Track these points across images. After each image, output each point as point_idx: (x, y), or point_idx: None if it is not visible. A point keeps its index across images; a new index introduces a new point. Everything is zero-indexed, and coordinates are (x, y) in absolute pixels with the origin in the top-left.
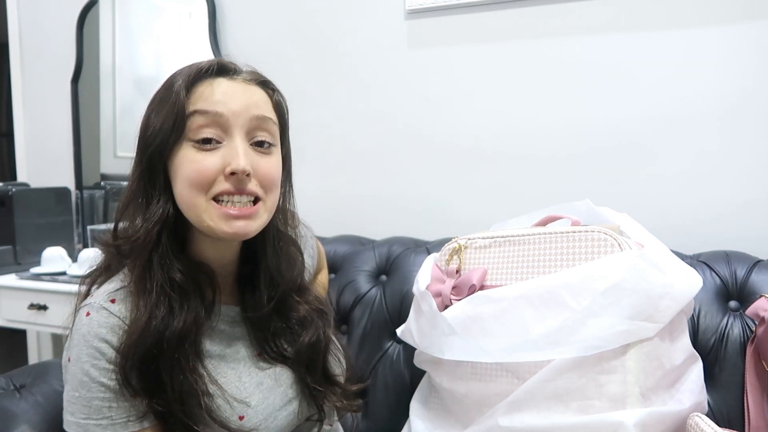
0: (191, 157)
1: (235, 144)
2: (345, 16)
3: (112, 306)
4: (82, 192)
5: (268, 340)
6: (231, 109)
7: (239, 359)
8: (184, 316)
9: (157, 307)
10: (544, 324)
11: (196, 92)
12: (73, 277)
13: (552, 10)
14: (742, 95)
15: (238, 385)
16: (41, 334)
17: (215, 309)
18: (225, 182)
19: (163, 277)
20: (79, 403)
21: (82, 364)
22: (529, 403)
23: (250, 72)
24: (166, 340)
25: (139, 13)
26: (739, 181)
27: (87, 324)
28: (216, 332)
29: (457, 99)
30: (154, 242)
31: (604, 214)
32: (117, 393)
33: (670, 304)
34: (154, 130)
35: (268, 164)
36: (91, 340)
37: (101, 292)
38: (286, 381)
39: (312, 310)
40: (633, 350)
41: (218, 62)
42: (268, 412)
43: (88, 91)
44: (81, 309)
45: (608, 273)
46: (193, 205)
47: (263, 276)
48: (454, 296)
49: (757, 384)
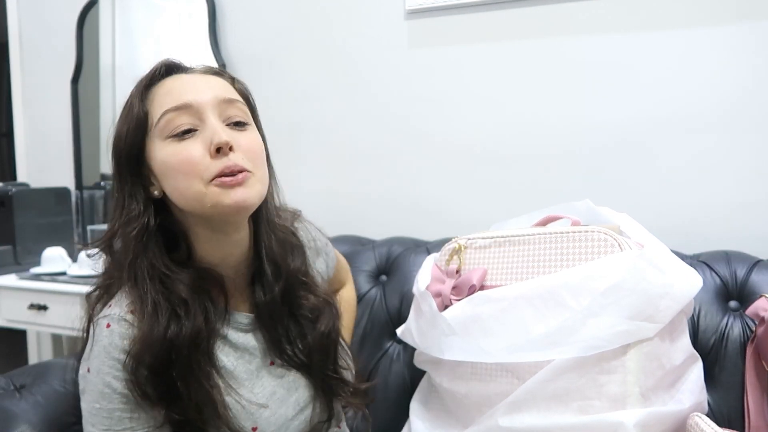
0: (173, 150)
1: (210, 124)
2: (345, 16)
3: (132, 317)
4: (82, 192)
5: (282, 343)
6: (197, 97)
7: (252, 370)
8: (191, 323)
9: (158, 316)
10: (544, 324)
11: (155, 95)
12: (73, 277)
13: (551, 11)
14: (743, 95)
15: (250, 397)
16: (41, 334)
17: (226, 316)
18: (214, 162)
19: (156, 287)
20: (100, 415)
21: (104, 376)
22: (529, 403)
23: (203, 67)
24: (175, 348)
25: (139, 13)
26: (739, 181)
27: (108, 336)
28: (227, 343)
29: (457, 99)
30: (140, 254)
31: (604, 214)
32: (138, 404)
33: (670, 304)
34: (120, 137)
35: (248, 138)
36: (113, 352)
37: (120, 303)
38: (299, 389)
39: (321, 301)
40: (633, 350)
41: (165, 64)
42: (280, 423)
43: (88, 91)
44: (101, 320)
45: (608, 273)
46: (192, 194)
47: (268, 267)
48: (454, 296)
49: (757, 384)
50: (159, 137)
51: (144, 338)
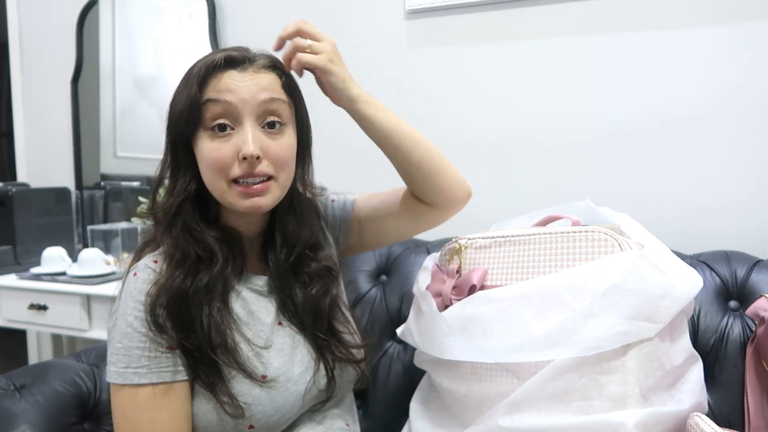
0: (209, 146)
1: (245, 130)
2: (345, 16)
3: (155, 265)
4: (82, 192)
5: (287, 305)
6: (239, 98)
7: (265, 325)
8: (209, 270)
9: (184, 261)
10: (545, 324)
11: (209, 84)
12: (73, 277)
13: (551, 11)
14: (743, 94)
15: (261, 345)
16: (41, 334)
17: (243, 275)
18: (239, 166)
19: (186, 237)
20: (121, 353)
21: (127, 317)
22: (529, 403)
23: (261, 58)
24: (191, 288)
25: (139, 14)
26: (739, 181)
27: (134, 281)
28: (241, 298)
29: (457, 99)
30: (178, 211)
31: (605, 214)
32: (156, 343)
33: (671, 305)
34: (173, 118)
35: (278, 145)
36: (137, 295)
37: (149, 256)
38: (301, 348)
39: (322, 267)
40: (633, 350)
41: (226, 56)
42: (287, 376)
43: (88, 91)
44: (129, 272)
45: (609, 273)
46: (215, 187)
47: (279, 237)
48: (454, 296)
49: (757, 384)
50: (203, 128)
51: (165, 279)
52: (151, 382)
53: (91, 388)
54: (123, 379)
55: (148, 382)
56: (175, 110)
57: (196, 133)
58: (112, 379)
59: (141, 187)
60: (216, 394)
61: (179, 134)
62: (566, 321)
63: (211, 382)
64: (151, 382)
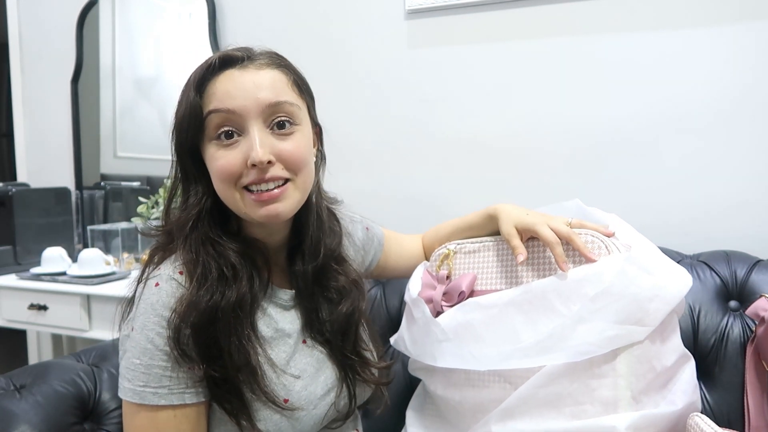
0: (215, 155)
1: (252, 136)
2: (345, 16)
3: (181, 277)
4: (82, 192)
5: (313, 321)
6: (242, 103)
7: (289, 345)
8: (238, 286)
9: (207, 277)
10: (535, 330)
11: (208, 91)
12: (73, 277)
13: (551, 11)
14: (744, 94)
15: (285, 368)
16: (41, 334)
17: (268, 290)
18: (250, 173)
19: (208, 251)
20: (139, 371)
21: (148, 332)
22: (522, 409)
23: (264, 55)
24: (220, 308)
25: (139, 14)
26: (739, 181)
27: (156, 293)
28: (267, 315)
29: (457, 99)
30: (194, 226)
31: (594, 215)
32: (177, 363)
33: (660, 306)
34: (176, 128)
35: (290, 146)
36: (160, 310)
37: (170, 265)
38: (326, 369)
39: (349, 282)
40: (623, 354)
41: (221, 57)
42: (309, 399)
43: (88, 91)
44: (149, 280)
45: (596, 278)
46: (228, 196)
47: (307, 247)
48: (445, 303)
49: (757, 384)
50: (207, 137)
51: (191, 297)
52: (171, 404)
53: (91, 388)
54: (140, 398)
55: (168, 403)
56: (177, 119)
57: (203, 142)
58: (128, 396)
59: (141, 187)
60: (237, 420)
61: (183, 144)
62: (556, 327)
63: (233, 408)
64: (171, 404)
